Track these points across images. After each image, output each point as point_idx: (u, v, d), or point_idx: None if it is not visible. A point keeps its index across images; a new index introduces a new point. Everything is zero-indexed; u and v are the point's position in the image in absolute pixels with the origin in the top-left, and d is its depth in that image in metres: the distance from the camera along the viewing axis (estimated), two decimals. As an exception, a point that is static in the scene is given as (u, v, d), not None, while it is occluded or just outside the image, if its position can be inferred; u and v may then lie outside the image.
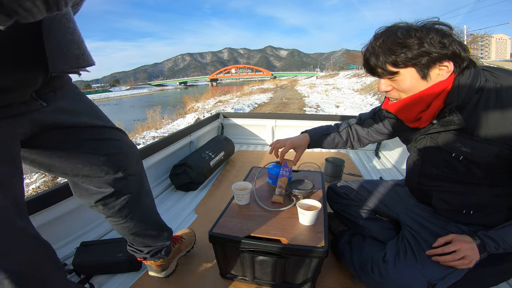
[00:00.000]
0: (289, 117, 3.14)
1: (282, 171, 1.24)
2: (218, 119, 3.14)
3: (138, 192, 0.95)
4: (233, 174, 2.36)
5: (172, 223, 1.60)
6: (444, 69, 0.78)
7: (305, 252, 0.94)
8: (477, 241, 0.85)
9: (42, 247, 0.72)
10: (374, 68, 0.85)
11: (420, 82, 0.81)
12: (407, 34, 0.76)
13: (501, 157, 0.77)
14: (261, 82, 46.00)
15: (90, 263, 1.20)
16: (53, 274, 0.73)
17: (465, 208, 0.90)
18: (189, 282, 1.16)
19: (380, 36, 0.81)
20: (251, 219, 1.09)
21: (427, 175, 0.98)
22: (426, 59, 0.76)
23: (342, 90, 19.79)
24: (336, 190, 1.35)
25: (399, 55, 0.77)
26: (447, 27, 0.78)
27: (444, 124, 0.85)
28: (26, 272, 0.61)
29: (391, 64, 0.80)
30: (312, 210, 1.02)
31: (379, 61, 0.82)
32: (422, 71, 0.79)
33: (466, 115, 0.81)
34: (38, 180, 4.10)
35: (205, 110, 10.61)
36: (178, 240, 1.26)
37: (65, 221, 1.35)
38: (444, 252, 0.87)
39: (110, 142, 0.85)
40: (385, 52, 0.79)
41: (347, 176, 2.18)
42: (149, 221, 1.02)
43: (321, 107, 10.60)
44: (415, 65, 0.78)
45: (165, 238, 1.10)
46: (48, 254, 0.74)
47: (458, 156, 0.84)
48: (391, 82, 0.85)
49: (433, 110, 0.84)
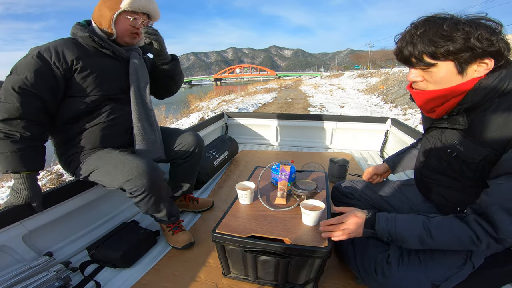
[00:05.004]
0: (293, 117, 3.13)
1: (281, 175, 1.25)
2: (222, 118, 3.14)
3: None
4: (237, 174, 2.36)
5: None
6: (483, 66, 0.75)
7: (308, 252, 0.94)
8: (369, 215, 0.91)
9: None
10: (408, 58, 0.81)
11: (455, 76, 0.78)
12: (454, 27, 0.72)
13: (487, 161, 0.77)
14: (266, 82, 45.98)
15: (128, 250, 1.26)
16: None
17: (460, 205, 0.90)
18: (192, 281, 1.17)
19: (422, 25, 0.77)
20: (255, 219, 1.09)
21: (430, 167, 0.99)
22: (468, 54, 0.73)
23: (346, 90, 19.70)
24: (341, 190, 1.36)
25: (441, 48, 0.73)
26: (497, 24, 0.74)
27: (450, 121, 0.86)
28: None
29: (429, 55, 0.76)
30: (316, 211, 1.01)
31: (416, 51, 0.78)
32: (461, 65, 0.75)
33: (474, 117, 0.80)
34: (44, 178, 4.15)
35: (209, 109, 10.63)
36: (192, 198, 1.73)
37: (69, 220, 1.36)
38: (331, 224, 0.95)
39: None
40: (425, 43, 0.75)
41: (351, 177, 2.17)
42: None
43: (325, 107, 10.56)
44: (455, 59, 0.75)
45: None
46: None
47: (452, 153, 0.86)
48: (423, 73, 0.82)
49: (447, 106, 0.84)
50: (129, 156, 1.20)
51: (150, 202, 1.22)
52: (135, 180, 1.13)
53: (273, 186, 1.36)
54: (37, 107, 1.07)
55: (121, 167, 1.15)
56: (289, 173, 1.25)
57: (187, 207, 1.74)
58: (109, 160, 1.19)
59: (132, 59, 1.32)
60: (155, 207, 1.26)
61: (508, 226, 0.70)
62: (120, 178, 1.14)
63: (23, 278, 1.03)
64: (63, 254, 1.30)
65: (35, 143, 1.09)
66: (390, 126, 2.72)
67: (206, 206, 1.77)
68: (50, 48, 1.11)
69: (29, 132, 1.05)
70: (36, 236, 1.22)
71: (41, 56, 1.09)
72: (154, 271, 1.23)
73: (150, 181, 1.15)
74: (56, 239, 1.31)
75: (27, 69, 1.06)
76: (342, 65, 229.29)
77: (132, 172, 1.13)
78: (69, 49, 1.14)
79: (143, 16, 1.26)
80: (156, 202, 1.24)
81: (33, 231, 1.19)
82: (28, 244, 1.18)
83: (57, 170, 4.39)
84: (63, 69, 1.12)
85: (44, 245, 1.25)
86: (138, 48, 1.38)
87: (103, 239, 1.33)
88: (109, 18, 1.20)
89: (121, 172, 1.14)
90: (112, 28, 1.22)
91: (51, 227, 1.28)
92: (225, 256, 1.08)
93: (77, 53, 1.15)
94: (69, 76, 1.15)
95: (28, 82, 1.05)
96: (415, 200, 1.14)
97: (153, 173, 1.17)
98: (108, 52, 1.25)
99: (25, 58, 1.09)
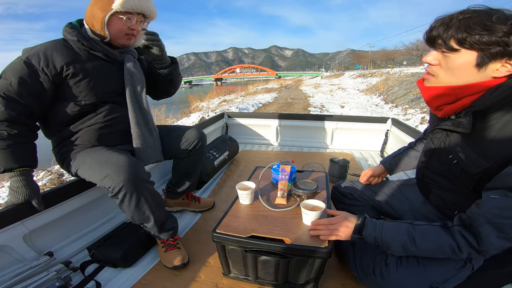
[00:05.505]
0: (293, 117, 3.13)
1: (281, 175, 1.25)
2: (222, 118, 3.14)
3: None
4: (237, 174, 2.36)
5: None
6: (507, 67, 0.71)
7: (308, 252, 0.94)
8: (358, 221, 0.93)
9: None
10: (435, 38, 0.78)
11: (471, 69, 0.74)
12: (502, 21, 0.68)
13: (487, 173, 0.76)
14: (266, 82, 45.97)
15: (128, 250, 1.26)
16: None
17: (458, 209, 0.89)
18: (192, 281, 1.17)
19: (470, 12, 0.73)
20: (255, 219, 1.10)
21: (431, 168, 0.99)
22: (498, 49, 0.69)
23: (347, 90, 19.69)
24: (341, 190, 1.35)
25: (473, 36, 0.70)
26: None
27: (454, 123, 0.83)
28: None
29: (456, 41, 0.73)
30: (316, 211, 1.01)
31: (446, 33, 0.74)
32: (483, 59, 0.72)
33: (482, 124, 0.77)
34: (44, 178, 4.15)
35: (209, 109, 10.63)
36: (194, 197, 1.73)
37: (70, 220, 1.37)
38: (320, 225, 0.98)
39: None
40: (460, 27, 0.72)
41: (351, 177, 2.16)
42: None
43: (325, 107, 10.55)
44: (481, 50, 0.71)
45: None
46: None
47: (453, 159, 0.85)
48: (442, 57, 0.79)
49: (458, 106, 0.81)
50: (115, 153, 1.15)
51: (132, 204, 1.12)
52: (112, 175, 1.07)
53: (274, 186, 1.36)
54: (21, 112, 1.06)
55: (102, 162, 1.11)
56: (290, 173, 1.25)
57: (189, 206, 1.73)
58: (95, 156, 1.16)
59: (127, 63, 1.28)
60: (139, 212, 1.16)
61: (492, 239, 0.71)
62: (100, 174, 1.10)
63: (23, 278, 1.03)
64: (63, 254, 1.30)
65: (24, 140, 1.08)
66: (391, 126, 2.71)
67: (207, 206, 1.77)
68: (40, 53, 1.08)
69: (15, 130, 1.05)
70: (36, 236, 1.22)
71: (28, 62, 1.07)
72: (154, 271, 1.23)
73: (129, 176, 1.07)
74: (56, 239, 1.31)
75: (13, 74, 1.05)
76: (342, 65, 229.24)
77: (111, 167, 1.08)
78: (59, 53, 1.11)
79: (138, 15, 1.21)
80: (139, 205, 1.14)
81: (34, 231, 1.19)
82: (28, 244, 1.18)
83: (57, 170, 4.39)
84: (52, 74, 1.10)
85: (44, 245, 1.26)
86: (133, 50, 1.34)
87: (104, 239, 1.33)
88: (101, 19, 1.15)
89: (101, 168, 1.10)
90: (105, 30, 1.17)
91: (52, 227, 1.28)
92: (225, 256, 1.09)
93: (67, 58, 1.12)
94: (58, 81, 1.13)
95: (11, 89, 1.04)
96: (415, 200, 1.14)
97: (133, 169, 1.10)
98: (100, 55, 1.21)
99: (14, 62, 1.08)
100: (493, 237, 0.71)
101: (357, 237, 0.92)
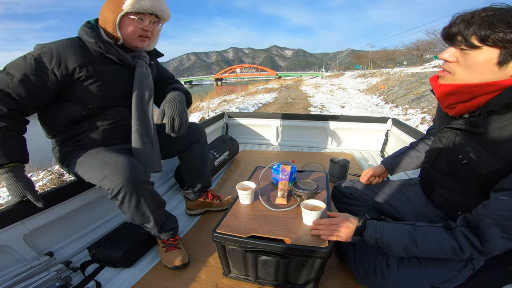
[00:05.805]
0: (294, 117, 3.13)
1: (281, 175, 1.25)
2: (223, 118, 3.14)
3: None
4: (238, 174, 2.36)
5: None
6: None
7: (308, 252, 0.94)
8: (359, 223, 0.92)
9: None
10: (455, 35, 0.76)
11: (491, 67, 0.73)
12: None
13: (497, 173, 0.75)
14: (266, 82, 45.97)
15: (128, 250, 1.26)
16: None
17: (462, 209, 0.88)
18: (192, 281, 1.17)
19: (492, 9, 0.71)
20: (255, 218, 1.09)
21: (438, 167, 0.97)
22: None
23: (347, 90, 19.68)
24: (341, 190, 1.35)
25: (498, 33, 0.68)
26: None
27: (467, 123, 0.81)
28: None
29: (478, 38, 0.72)
30: (316, 211, 1.01)
31: (467, 30, 0.73)
32: (505, 57, 0.70)
33: (495, 123, 0.76)
34: (44, 177, 4.15)
35: (210, 109, 10.62)
36: (214, 196, 1.69)
37: (70, 220, 1.36)
38: (321, 225, 0.98)
39: None
40: (483, 25, 0.70)
41: (352, 177, 2.16)
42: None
43: (326, 107, 10.54)
44: (504, 48, 0.70)
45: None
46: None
47: (463, 159, 0.83)
48: (460, 54, 0.77)
49: (472, 105, 0.80)
50: (114, 153, 1.13)
51: (131, 205, 1.12)
52: (111, 176, 1.06)
53: (274, 186, 1.36)
54: (12, 107, 1.02)
55: (102, 163, 1.10)
56: (290, 173, 1.25)
57: (210, 206, 1.69)
58: (94, 156, 1.15)
59: (138, 68, 1.26)
60: (139, 212, 1.16)
61: (497, 241, 0.71)
62: (99, 174, 1.09)
63: (23, 278, 1.03)
64: (63, 254, 1.30)
65: (13, 133, 1.04)
66: (391, 126, 2.71)
67: (230, 203, 1.70)
68: (53, 51, 1.06)
69: (4, 123, 1.00)
70: (36, 236, 1.22)
71: (39, 60, 1.05)
72: (154, 271, 1.23)
73: (128, 177, 1.06)
74: (56, 239, 1.31)
75: (18, 70, 1.02)
76: (342, 65, 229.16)
77: (110, 168, 1.07)
78: (73, 54, 1.09)
79: (151, 16, 1.18)
80: (139, 206, 1.14)
81: (34, 230, 1.19)
82: (28, 244, 1.18)
83: (57, 170, 4.39)
84: (62, 75, 1.08)
85: (44, 245, 1.26)
86: (145, 55, 1.32)
87: (104, 239, 1.33)
88: (112, 21, 1.14)
89: (100, 169, 1.09)
90: (117, 32, 1.15)
91: (52, 227, 1.28)
92: (225, 256, 1.08)
93: (81, 59, 1.10)
94: (67, 82, 1.11)
95: (11, 84, 1.00)
96: (416, 201, 1.13)
97: (132, 170, 1.09)
98: (114, 58, 1.19)
99: (22, 57, 1.05)
100: (498, 238, 0.70)
101: (358, 239, 0.92)
